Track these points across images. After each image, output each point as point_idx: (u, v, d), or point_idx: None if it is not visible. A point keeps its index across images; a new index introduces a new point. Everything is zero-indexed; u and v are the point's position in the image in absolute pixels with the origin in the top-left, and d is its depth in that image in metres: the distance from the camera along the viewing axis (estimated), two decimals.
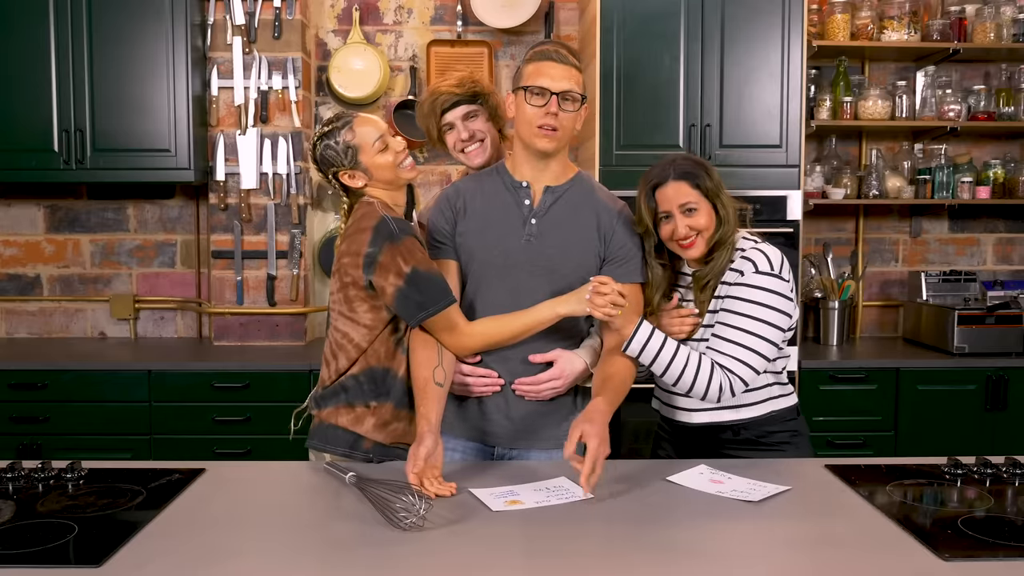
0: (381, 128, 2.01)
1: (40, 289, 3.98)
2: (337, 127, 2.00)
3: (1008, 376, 3.43)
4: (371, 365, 1.97)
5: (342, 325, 2.00)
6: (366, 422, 1.97)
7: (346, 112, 2.06)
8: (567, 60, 1.95)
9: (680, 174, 1.96)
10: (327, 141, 2.00)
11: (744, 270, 1.96)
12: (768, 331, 1.93)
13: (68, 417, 3.34)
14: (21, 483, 1.77)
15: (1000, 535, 1.51)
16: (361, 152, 1.98)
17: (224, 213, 3.71)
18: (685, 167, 1.97)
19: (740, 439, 2.03)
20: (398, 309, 1.93)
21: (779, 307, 1.95)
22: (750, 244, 2.01)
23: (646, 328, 1.89)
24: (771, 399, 2.04)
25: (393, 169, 1.99)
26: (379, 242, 1.90)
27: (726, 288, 1.98)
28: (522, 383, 1.99)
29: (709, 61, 3.38)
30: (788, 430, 2.06)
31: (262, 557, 1.45)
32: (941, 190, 3.78)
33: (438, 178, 3.95)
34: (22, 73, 3.49)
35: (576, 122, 1.98)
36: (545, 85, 1.91)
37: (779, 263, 1.97)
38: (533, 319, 1.95)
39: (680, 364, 1.90)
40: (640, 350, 1.89)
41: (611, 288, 1.82)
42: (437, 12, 3.94)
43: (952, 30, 3.70)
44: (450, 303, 1.92)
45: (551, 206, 2.00)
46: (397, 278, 1.89)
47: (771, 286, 1.94)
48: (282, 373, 3.34)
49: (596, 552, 1.48)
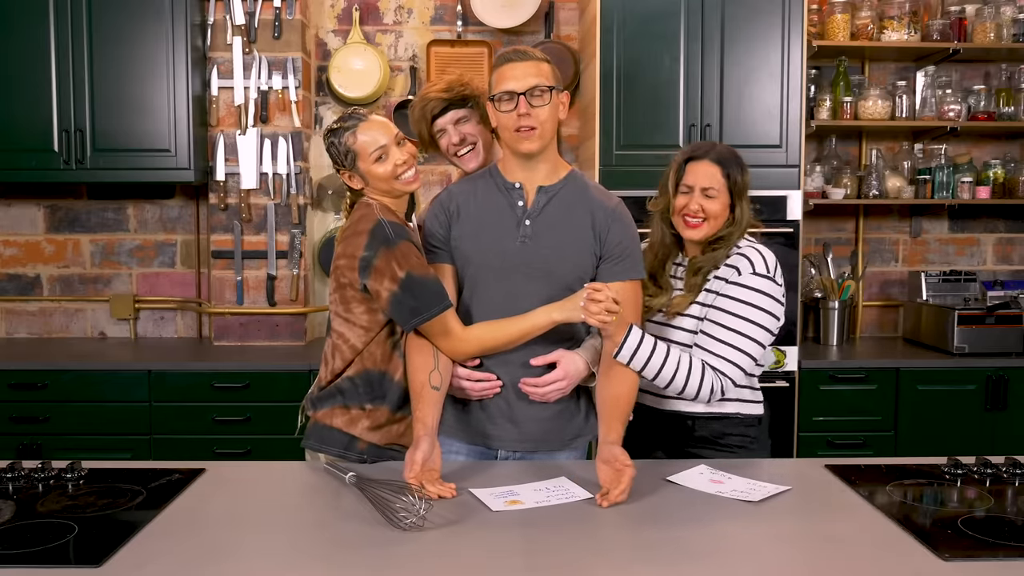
0: (386, 136, 1.96)
1: (40, 289, 3.98)
2: (344, 127, 1.98)
3: (1008, 376, 3.43)
4: (367, 368, 1.97)
5: (339, 326, 2.00)
6: (361, 424, 1.97)
7: (360, 113, 2.02)
8: (528, 56, 1.94)
9: (717, 158, 2.01)
10: (332, 139, 1.99)
11: (740, 268, 1.97)
12: (758, 332, 1.96)
13: (68, 417, 3.34)
14: (21, 483, 1.77)
15: (1000, 535, 1.51)
16: (359, 158, 1.96)
17: (224, 213, 3.71)
18: (724, 154, 2.02)
19: (696, 436, 2.05)
20: (392, 314, 1.92)
21: (770, 310, 1.97)
22: (746, 242, 2.03)
23: (636, 333, 1.88)
24: (739, 400, 2.06)
25: (389, 180, 1.96)
26: (375, 246, 1.89)
27: (719, 284, 1.99)
28: (527, 383, 1.97)
29: (709, 61, 3.38)
30: (747, 435, 2.08)
31: (262, 557, 1.45)
32: (941, 190, 3.78)
33: (438, 178, 3.95)
34: (22, 73, 3.49)
35: (555, 113, 1.94)
36: (509, 88, 1.90)
37: (774, 266, 2.00)
38: (529, 325, 1.94)
39: (671, 367, 1.91)
40: (631, 356, 1.88)
41: (605, 295, 1.81)
42: (437, 12, 3.94)
43: (952, 30, 3.69)
44: (445, 308, 1.91)
45: (545, 206, 1.99)
46: (392, 283, 1.88)
47: (764, 288, 1.96)
48: (282, 373, 3.34)
49: (596, 552, 1.48)
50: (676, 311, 2.03)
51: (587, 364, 1.99)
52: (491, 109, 1.96)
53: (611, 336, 1.88)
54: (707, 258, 2.02)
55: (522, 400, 1.99)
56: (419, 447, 1.77)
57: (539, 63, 1.93)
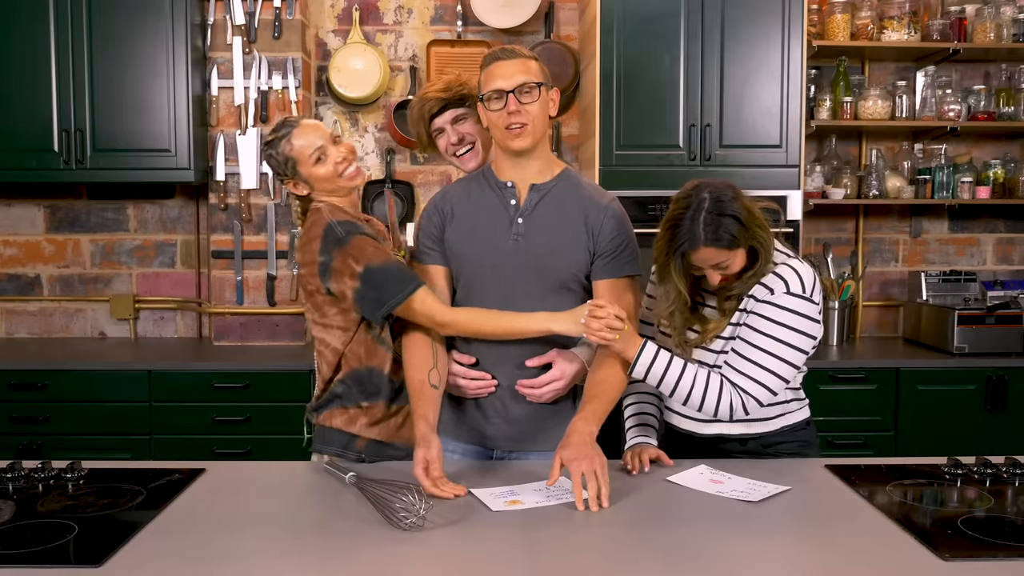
0: (322, 137, 1.98)
1: (40, 289, 3.98)
2: (278, 137, 1.99)
3: (1008, 376, 3.43)
4: (353, 367, 1.99)
5: (318, 332, 2.02)
6: (359, 422, 1.99)
7: (290, 119, 2.03)
8: (515, 54, 1.94)
9: (709, 240, 1.81)
10: (269, 151, 2.01)
11: (775, 289, 1.87)
12: (791, 354, 1.87)
13: (68, 417, 3.34)
14: (21, 483, 1.77)
15: (1000, 535, 1.51)
16: (299, 164, 1.98)
17: (224, 213, 3.71)
18: (711, 232, 1.80)
19: (746, 449, 2.00)
20: (361, 311, 1.93)
21: (806, 330, 1.87)
22: (782, 259, 1.92)
23: (651, 349, 1.85)
24: (786, 414, 2.00)
25: (332, 179, 1.98)
26: (328, 248, 1.91)
27: (753, 303, 1.89)
28: (523, 384, 1.97)
29: (709, 61, 3.38)
30: (797, 440, 2.02)
31: (262, 557, 1.45)
32: (941, 190, 3.78)
33: (438, 178, 3.95)
34: (22, 73, 3.49)
35: (546, 110, 1.94)
36: (498, 87, 1.90)
37: (811, 284, 1.89)
38: (523, 325, 1.92)
39: (688, 383, 1.86)
40: (646, 372, 1.85)
41: (607, 312, 1.79)
42: (437, 12, 3.94)
43: (952, 30, 3.69)
44: (413, 290, 1.89)
45: (537, 204, 1.98)
46: (352, 279, 1.89)
47: (800, 309, 1.87)
48: (282, 373, 3.34)
49: (596, 552, 1.48)
50: (713, 335, 1.92)
51: (583, 363, 1.98)
52: (481, 109, 1.96)
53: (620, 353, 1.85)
54: (741, 283, 1.89)
55: (518, 400, 1.99)
56: (431, 445, 1.76)
57: (526, 60, 1.93)
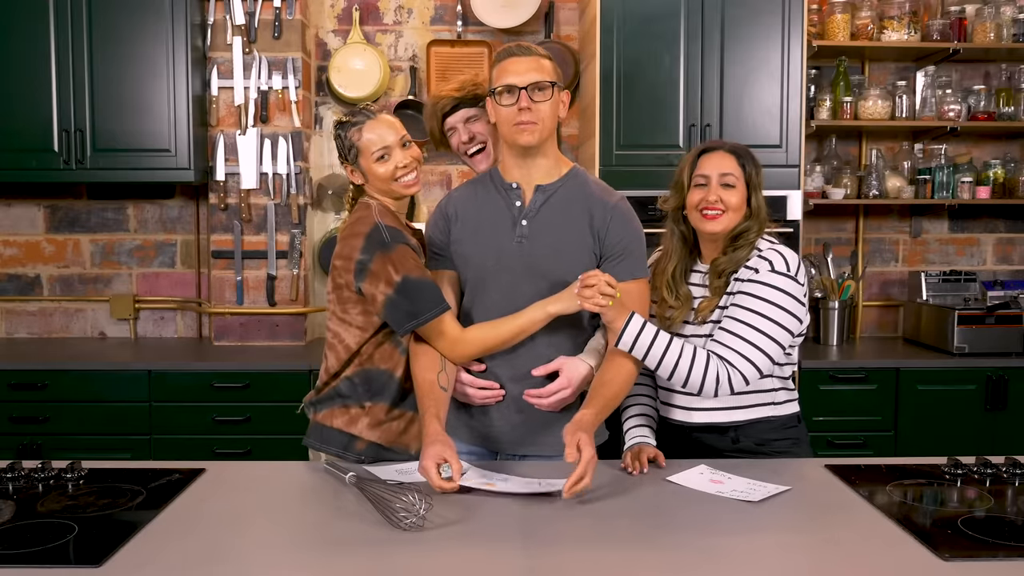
0: (392, 137, 1.96)
1: (40, 289, 3.98)
2: (352, 122, 1.98)
3: (1008, 376, 3.43)
4: (366, 367, 1.97)
5: (334, 325, 2.00)
6: (360, 423, 1.97)
7: (370, 109, 2.01)
8: (531, 52, 1.93)
9: (731, 149, 2.01)
10: (339, 131, 2.00)
11: (760, 268, 1.94)
12: (776, 331, 1.91)
13: (68, 417, 3.34)
14: (21, 483, 1.77)
15: (1000, 535, 1.51)
16: (361, 155, 1.97)
17: (224, 213, 3.71)
18: (738, 146, 2.03)
19: (739, 447, 2.01)
20: (387, 317, 1.91)
21: (790, 309, 1.92)
22: (767, 244, 2.00)
23: (637, 321, 1.86)
24: (774, 404, 2.02)
25: (388, 181, 1.96)
26: (371, 250, 1.89)
27: (738, 284, 1.95)
28: (531, 395, 1.95)
29: (709, 61, 3.38)
30: (788, 438, 2.04)
31: (262, 557, 1.45)
32: (941, 190, 3.78)
33: (438, 178, 3.95)
34: (22, 73, 3.49)
35: (556, 110, 1.93)
36: (511, 82, 1.89)
37: (795, 265, 1.95)
38: (526, 320, 1.92)
39: (674, 356, 1.88)
40: (632, 343, 1.86)
41: (598, 279, 1.79)
42: (437, 12, 3.94)
43: (952, 30, 3.70)
44: (442, 311, 1.89)
45: (542, 206, 1.97)
46: (387, 287, 1.88)
47: (785, 287, 1.92)
48: (282, 373, 3.34)
49: (596, 552, 1.48)
50: (703, 317, 1.98)
51: (591, 368, 1.96)
52: (491, 103, 1.95)
53: (613, 323, 1.86)
54: (728, 259, 1.97)
55: (524, 404, 1.98)
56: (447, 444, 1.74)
57: (541, 59, 1.93)
